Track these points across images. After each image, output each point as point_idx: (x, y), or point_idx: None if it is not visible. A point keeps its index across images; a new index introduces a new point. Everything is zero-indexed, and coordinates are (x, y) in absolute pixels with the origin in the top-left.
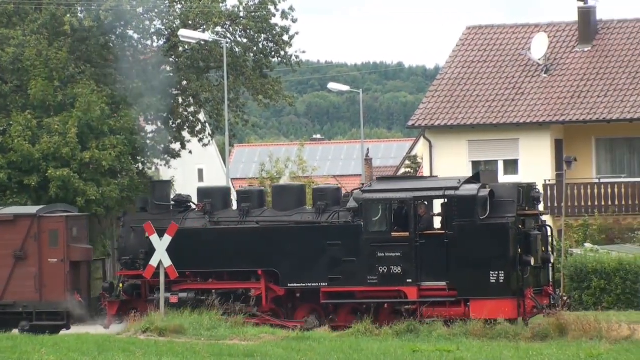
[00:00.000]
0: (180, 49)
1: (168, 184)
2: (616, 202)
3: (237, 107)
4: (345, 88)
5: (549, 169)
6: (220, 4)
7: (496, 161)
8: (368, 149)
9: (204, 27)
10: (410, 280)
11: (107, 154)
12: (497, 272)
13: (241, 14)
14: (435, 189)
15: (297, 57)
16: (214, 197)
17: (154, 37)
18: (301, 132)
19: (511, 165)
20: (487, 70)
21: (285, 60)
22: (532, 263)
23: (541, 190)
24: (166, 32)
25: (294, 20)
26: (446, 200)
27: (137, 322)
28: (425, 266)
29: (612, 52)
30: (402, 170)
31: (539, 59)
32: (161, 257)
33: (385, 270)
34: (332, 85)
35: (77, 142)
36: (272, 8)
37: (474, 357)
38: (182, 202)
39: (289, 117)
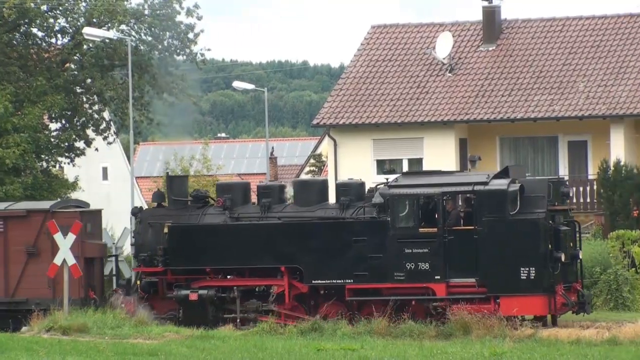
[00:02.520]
0: (85, 47)
1: (186, 179)
2: None
3: (141, 105)
4: (250, 86)
5: (454, 167)
6: (125, 2)
7: (401, 160)
8: (273, 148)
9: (109, 25)
10: (438, 277)
11: (11, 152)
12: (527, 269)
13: (146, 12)
14: (464, 184)
15: (202, 55)
16: (233, 193)
17: (58, 35)
18: (206, 130)
19: (416, 164)
20: (391, 69)
21: (190, 59)
22: (563, 259)
23: None
24: (70, 30)
25: (199, 18)
26: (475, 195)
27: (41, 321)
28: (454, 262)
29: (516, 52)
30: (307, 169)
31: (444, 58)
32: (64, 255)
33: (413, 267)
34: (237, 84)
35: None
36: (177, 6)
37: (378, 356)
38: (201, 198)
39: (193, 115)
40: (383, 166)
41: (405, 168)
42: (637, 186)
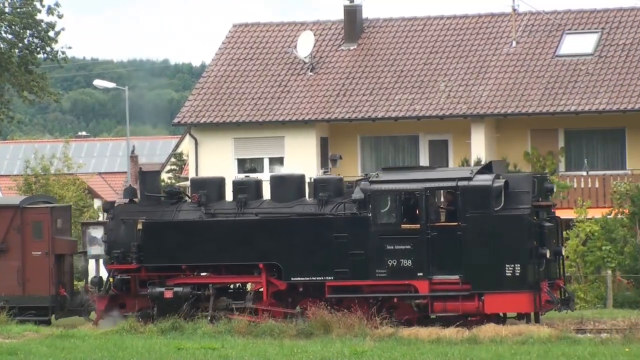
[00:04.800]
0: None
1: (158, 174)
2: None
3: (1, 103)
4: (111, 85)
5: (315, 166)
6: None
7: (262, 159)
8: (134, 146)
9: None
10: (421, 274)
11: None
12: (513, 265)
13: (6, 10)
14: (448, 179)
15: (63, 53)
16: (208, 188)
17: None
18: (66, 129)
19: (277, 163)
20: (253, 68)
21: (51, 56)
22: (548, 255)
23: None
24: None
25: (60, 16)
26: (459, 191)
27: None
28: (437, 259)
29: (377, 51)
30: (168, 168)
31: (305, 57)
32: None
33: (395, 264)
34: (97, 82)
35: None
36: (37, 4)
37: (238, 355)
38: (174, 194)
39: (54, 113)
40: (244, 165)
41: (266, 167)
42: None
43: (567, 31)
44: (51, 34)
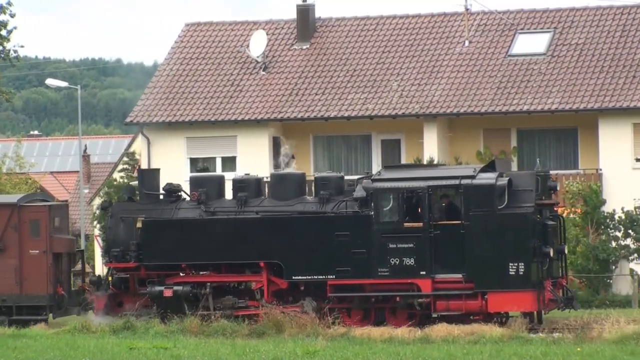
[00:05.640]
0: None
1: (157, 172)
2: None
3: None
4: (64, 84)
5: (267, 165)
6: None
7: (214, 158)
8: (86, 145)
9: None
10: (424, 273)
11: None
12: (516, 264)
13: None
14: (451, 177)
15: (15, 52)
16: (208, 186)
17: None
18: (18, 128)
19: (229, 162)
20: (205, 68)
21: (2, 55)
22: (551, 254)
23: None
24: None
25: (12, 15)
26: (462, 189)
27: None
28: (440, 258)
29: (330, 50)
30: (120, 167)
31: (258, 57)
32: None
33: (397, 262)
34: (50, 81)
35: None
36: None
37: (190, 355)
38: (173, 192)
39: (6, 112)
40: (196, 164)
41: (218, 166)
42: None
43: (520, 31)
44: (3, 32)
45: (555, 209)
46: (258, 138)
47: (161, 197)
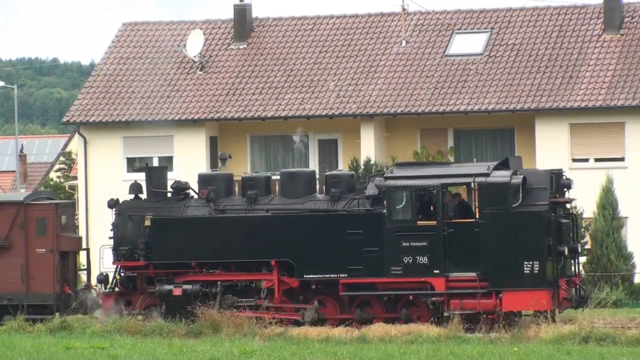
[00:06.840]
0: None
1: (165, 170)
2: None
3: None
4: (0, 83)
5: (204, 165)
6: None
7: (151, 158)
8: (22, 145)
9: None
10: (437, 271)
11: None
12: (531, 262)
13: None
14: (465, 175)
15: None
16: (217, 184)
17: None
18: None
19: (166, 162)
20: (142, 67)
21: None
22: (566, 252)
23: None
24: None
25: None
26: (476, 187)
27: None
28: (454, 256)
29: (267, 50)
30: (57, 167)
31: (195, 56)
32: None
33: (410, 261)
34: None
35: None
36: None
37: (127, 354)
38: (181, 189)
39: None
40: (133, 164)
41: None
42: None
43: (457, 31)
44: None
45: (569, 206)
46: (195, 138)
47: (169, 195)
